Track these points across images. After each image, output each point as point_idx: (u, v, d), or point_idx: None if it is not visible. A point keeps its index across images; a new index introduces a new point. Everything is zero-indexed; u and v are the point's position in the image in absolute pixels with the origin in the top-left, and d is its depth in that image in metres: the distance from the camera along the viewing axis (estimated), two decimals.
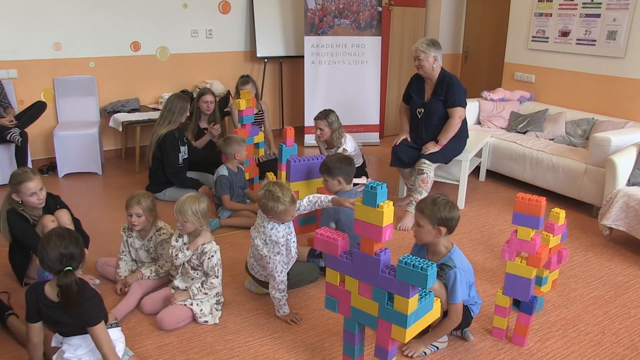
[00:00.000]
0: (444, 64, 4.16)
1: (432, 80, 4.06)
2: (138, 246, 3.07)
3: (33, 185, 2.80)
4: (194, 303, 2.75)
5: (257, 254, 2.81)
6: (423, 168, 4.01)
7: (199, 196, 2.79)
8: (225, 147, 4.04)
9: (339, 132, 4.43)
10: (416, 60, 3.99)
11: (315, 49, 6.04)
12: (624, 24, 4.64)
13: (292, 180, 3.41)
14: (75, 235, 2.17)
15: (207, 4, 5.87)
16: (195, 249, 2.76)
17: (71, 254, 2.09)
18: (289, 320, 2.80)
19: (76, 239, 2.15)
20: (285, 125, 6.62)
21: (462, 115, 4.02)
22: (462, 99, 4.01)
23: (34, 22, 5.01)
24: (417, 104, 4.16)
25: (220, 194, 3.99)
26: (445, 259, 2.45)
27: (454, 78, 4.02)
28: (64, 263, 2.07)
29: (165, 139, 4.21)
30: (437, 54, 3.96)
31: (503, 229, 4.02)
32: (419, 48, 3.95)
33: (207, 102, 4.73)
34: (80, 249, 2.14)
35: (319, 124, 4.38)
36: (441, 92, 3.99)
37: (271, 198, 2.64)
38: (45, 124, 5.18)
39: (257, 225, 2.79)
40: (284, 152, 3.68)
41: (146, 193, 3.03)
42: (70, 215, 3.01)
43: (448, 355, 2.55)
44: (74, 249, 2.10)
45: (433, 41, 3.97)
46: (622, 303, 3.03)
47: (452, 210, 2.40)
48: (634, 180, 3.83)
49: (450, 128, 4.02)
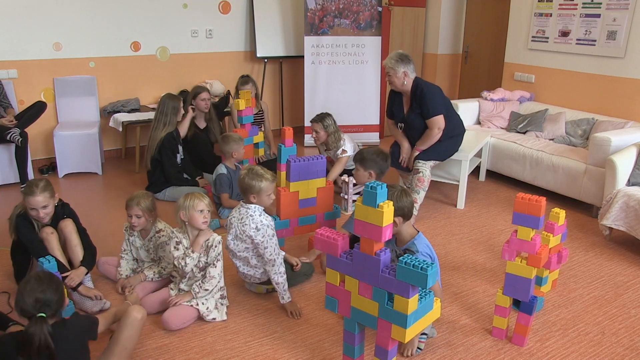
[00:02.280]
0: (443, 64, 4.16)
1: (407, 94, 4.05)
2: (139, 245, 3.08)
3: (34, 201, 2.78)
4: (199, 302, 2.74)
5: (247, 256, 2.84)
6: (418, 167, 4.02)
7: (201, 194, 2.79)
8: (223, 145, 4.06)
9: (335, 136, 4.47)
10: (387, 77, 4.00)
11: (315, 49, 6.04)
12: (624, 24, 4.64)
13: (292, 180, 3.40)
14: (56, 281, 2.04)
15: (207, 4, 5.87)
16: (199, 249, 2.75)
17: (47, 300, 1.94)
18: (291, 311, 2.83)
19: (56, 285, 2.01)
20: (285, 125, 6.62)
21: (441, 124, 3.97)
22: (437, 107, 3.94)
23: (34, 22, 5.02)
24: (398, 118, 4.17)
25: (220, 192, 4.00)
26: (408, 244, 2.52)
27: (426, 88, 3.95)
28: (37, 309, 1.93)
29: (165, 142, 4.21)
30: (407, 68, 3.91)
31: (503, 229, 4.02)
32: (387, 65, 3.94)
33: (204, 99, 4.72)
34: (59, 296, 2.00)
35: (315, 126, 4.44)
36: (416, 105, 3.98)
37: (255, 176, 2.77)
38: (45, 124, 5.18)
39: (236, 226, 2.80)
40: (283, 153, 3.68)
41: (146, 193, 3.03)
42: (75, 225, 2.97)
43: (448, 355, 2.55)
44: (51, 295, 1.96)
45: (402, 56, 3.93)
46: (622, 303, 3.03)
47: (400, 199, 2.43)
48: (634, 180, 3.83)
49: (428, 139, 4.00)
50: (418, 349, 2.54)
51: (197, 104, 4.72)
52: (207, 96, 4.75)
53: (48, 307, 1.95)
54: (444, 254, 3.58)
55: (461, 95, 6.90)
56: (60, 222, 2.93)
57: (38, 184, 2.82)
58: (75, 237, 2.92)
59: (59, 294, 2.01)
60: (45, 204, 2.81)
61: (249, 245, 2.82)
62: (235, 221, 2.84)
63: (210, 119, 4.90)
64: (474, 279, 3.28)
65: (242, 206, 2.86)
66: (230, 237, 2.85)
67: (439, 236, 3.87)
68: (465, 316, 2.87)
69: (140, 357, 2.49)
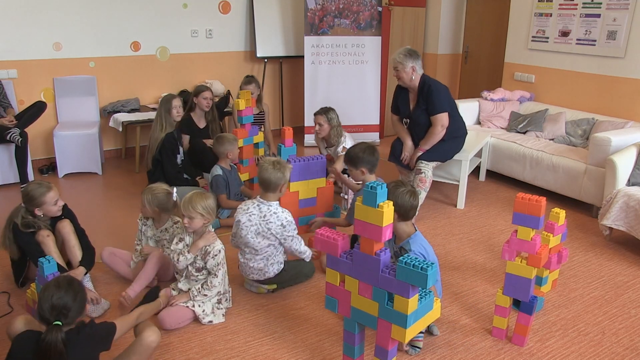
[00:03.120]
0: (443, 64, 4.16)
1: (414, 90, 4.05)
2: (150, 235, 3.13)
3: (50, 197, 2.83)
4: (195, 304, 2.75)
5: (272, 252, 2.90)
6: (421, 168, 4.01)
7: (205, 192, 2.78)
8: (217, 146, 4.03)
9: (337, 130, 4.47)
10: (394, 71, 4.00)
11: (315, 49, 6.04)
12: (624, 24, 4.64)
13: (292, 180, 3.40)
14: (75, 288, 1.97)
15: (207, 4, 5.87)
16: (196, 251, 2.75)
17: (64, 306, 1.90)
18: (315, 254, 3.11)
19: (75, 292, 1.95)
20: (285, 125, 6.63)
21: (445, 122, 3.98)
22: (443, 105, 3.96)
23: (34, 22, 5.02)
24: (403, 114, 4.17)
25: (217, 193, 3.99)
26: (403, 243, 2.54)
27: (433, 85, 3.96)
28: (54, 316, 1.90)
29: (165, 142, 4.21)
30: (415, 64, 3.92)
31: (503, 229, 4.02)
32: (395, 59, 3.94)
33: (206, 98, 4.71)
34: (78, 304, 1.95)
35: (319, 119, 4.42)
36: (423, 102, 3.98)
37: (279, 167, 2.85)
38: (45, 124, 5.18)
39: (259, 224, 2.82)
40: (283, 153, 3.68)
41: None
42: (72, 226, 2.97)
43: (448, 355, 2.55)
44: (68, 302, 1.91)
45: (410, 51, 3.94)
46: (622, 303, 3.03)
47: (409, 200, 2.47)
48: (634, 180, 3.83)
49: (432, 136, 4.01)
50: (417, 348, 2.54)
51: (198, 101, 4.72)
52: (210, 95, 4.74)
53: (63, 314, 1.91)
54: (444, 254, 3.58)
55: (461, 95, 6.90)
56: (58, 223, 2.93)
57: (43, 182, 2.87)
58: (73, 237, 2.92)
59: (78, 302, 1.96)
60: (57, 197, 2.88)
61: (273, 242, 2.87)
62: (256, 219, 2.84)
63: (212, 120, 4.90)
64: (474, 279, 3.28)
65: (263, 203, 2.87)
66: (249, 234, 2.85)
67: (439, 236, 3.87)
68: (465, 316, 2.87)
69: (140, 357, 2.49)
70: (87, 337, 1.99)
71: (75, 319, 1.97)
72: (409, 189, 2.52)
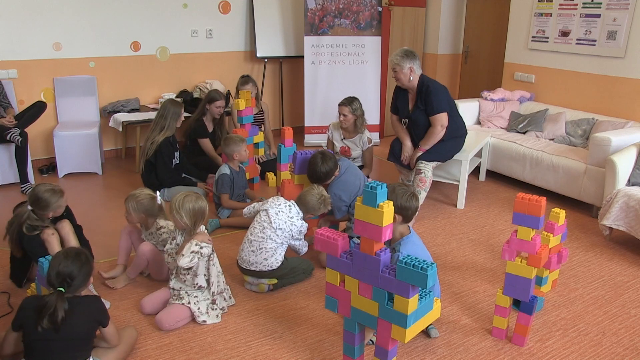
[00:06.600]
0: (443, 64, 4.16)
1: (412, 90, 4.05)
2: (143, 235, 3.18)
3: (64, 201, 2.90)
4: (191, 302, 2.75)
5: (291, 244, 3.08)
6: (421, 168, 4.01)
7: (199, 195, 2.77)
8: (224, 147, 4.05)
9: (362, 119, 4.43)
10: (393, 73, 4.00)
11: (315, 49, 6.04)
12: (624, 24, 4.64)
13: (297, 172, 3.42)
14: (82, 259, 2.16)
15: (207, 4, 5.87)
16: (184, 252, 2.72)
17: (69, 274, 2.10)
18: None
19: (81, 263, 2.14)
20: (285, 125, 6.62)
21: (444, 122, 3.98)
22: (442, 105, 3.95)
23: (34, 22, 5.01)
24: (402, 114, 4.17)
25: (220, 192, 3.99)
26: (395, 244, 2.55)
27: (432, 85, 3.96)
28: (59, 282, 2.09)
29: (162, 146, 4.20)
30: (413, 64, 3.92)
31: (503, 229, 4.02)
32: (393, 61, 3.94)
33: (219, 107, 4.74)
34: (83, 274, 2.14)
35: (343, 110, 4.37)
36: (421, 103, 3.98)
37: (323, 201, 3.08)
38: (45, 124, 5.18)
39: (285, 221, 2.98)
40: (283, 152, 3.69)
41: (147, 195, 3.06)
42: (71, 224, 3.01)
43: (448, 355, 2.55)
44: (73, 270, 2.11)
45: (407, 52, 3.93)
46: (622, 303, 3.03)
47: (409, 200, 2.48)
48: (634, 180, 3.83)
49: (431, 136, 4.01)
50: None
51: (210, 109, 4.74)
52: (222, 104, 4.78)
53: (67, 283, 2.09)
54: (444, 254, 3.58)
55: (461, 95, 6.90)
56: (57, 223, 2.95)
57: (55, 187, 2.88)
58: (72, 237, 2.95)
59: (83, 272, 2.14)
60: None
61: (287, 236, 3.03)
62: (283, 217, 2.99)
63: (220, 124, 4.91)
64: (474, 279, 3.28)
65: (293, 205, 3.05)
66: (269, 229, 2.97)
67: (439, 236, 3.87)
68: (465, 316, 2.87)
69: (140, 357, 2.49)
70: (86, 307, 2.15)
71: (79, 288, 2.15)
72: (411, 191, 2.51)
